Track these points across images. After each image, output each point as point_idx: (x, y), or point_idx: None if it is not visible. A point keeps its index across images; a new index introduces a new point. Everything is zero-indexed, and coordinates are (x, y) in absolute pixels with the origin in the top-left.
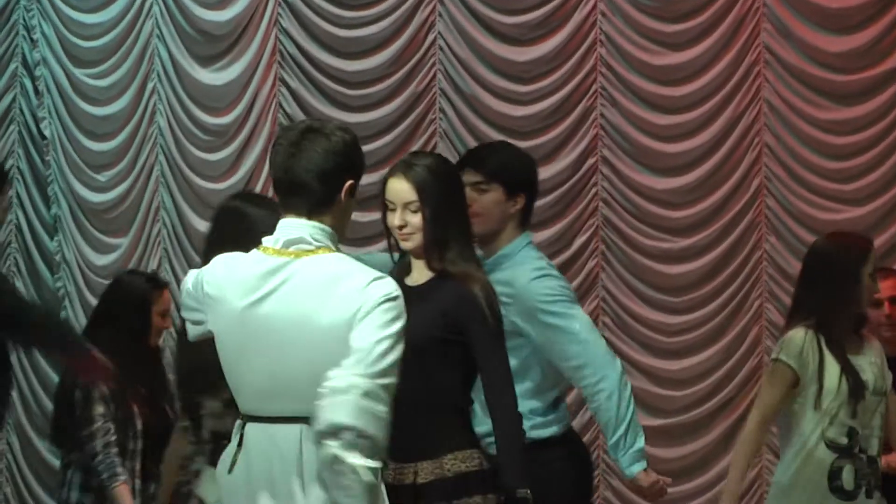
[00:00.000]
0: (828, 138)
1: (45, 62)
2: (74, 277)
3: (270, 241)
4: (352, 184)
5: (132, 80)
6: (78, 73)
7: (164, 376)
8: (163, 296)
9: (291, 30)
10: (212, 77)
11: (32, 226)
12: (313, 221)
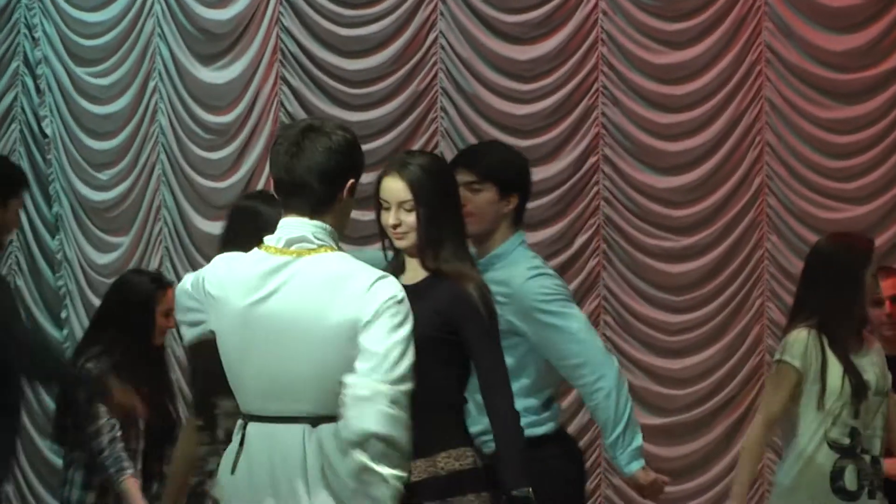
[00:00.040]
0: (829, 137)
1: (47, 60)
2: (76, 276)
3: (272, 240)
4: (353, 183)
5: (133, 79)
6: (79, 71)
7: (168, 376)
8: (166, 295)
9: (293, 28)
10: (213, 76)
11: (34, 224)
12: (315, 221)
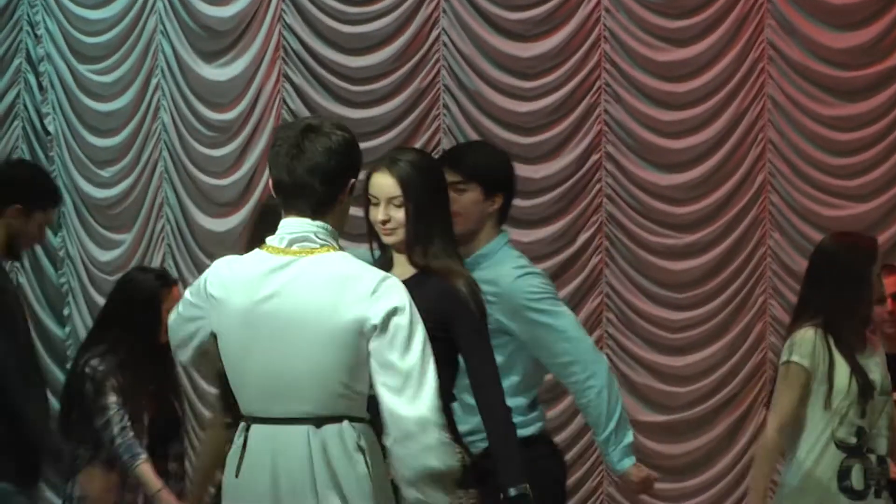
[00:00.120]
0: (832, 134)
1: (49, 58)
2: (78, 273)
3: (275, 241)
4: (353, 182)
5: (136, 76)
6: (82, 68)
7: (173, 373)
8: (172, 292)
9: (295, 26)
10: (215, 73)
11: None
12: (317, 221)
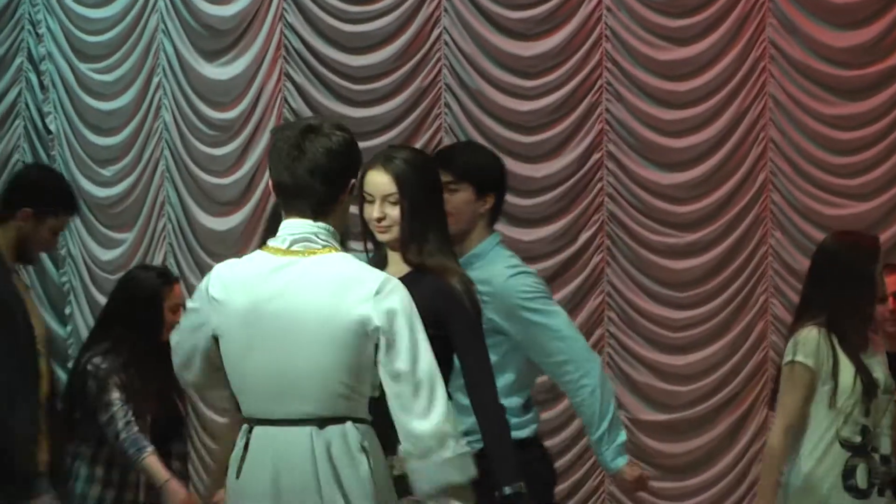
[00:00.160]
0: (833, 133)
1: (51, 57)
2: (79, 272)
3: (277, 242)
4: (353, 183)
5: (137, 75)
6: (83, 67)
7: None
8: (174, 290)
9: (296, 24)
10: (217, 72)
11: None
12: (318, 222)
